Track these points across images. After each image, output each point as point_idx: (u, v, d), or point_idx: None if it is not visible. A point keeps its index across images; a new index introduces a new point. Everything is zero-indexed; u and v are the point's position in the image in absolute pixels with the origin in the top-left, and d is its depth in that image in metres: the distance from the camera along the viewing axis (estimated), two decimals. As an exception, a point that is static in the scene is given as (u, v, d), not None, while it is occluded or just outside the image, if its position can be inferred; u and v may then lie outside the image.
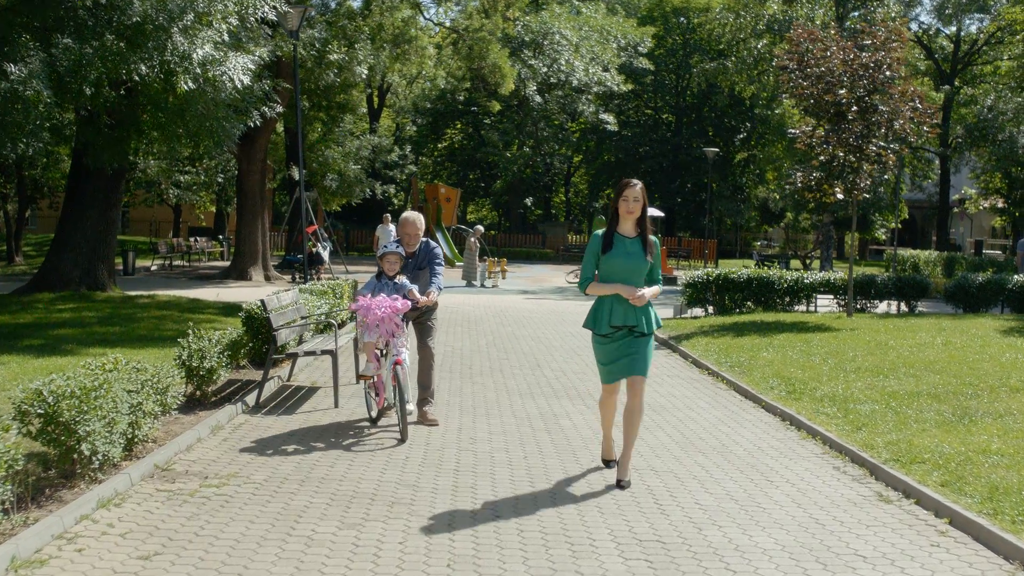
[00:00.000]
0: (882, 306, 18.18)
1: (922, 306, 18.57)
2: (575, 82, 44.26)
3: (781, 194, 40.90)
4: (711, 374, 11.07)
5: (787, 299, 17.29)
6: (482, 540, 5.11)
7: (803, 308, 17.53)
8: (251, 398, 8.54)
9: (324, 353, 8.98)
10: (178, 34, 12.66)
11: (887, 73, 14.84)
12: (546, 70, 43.80)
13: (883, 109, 14.79)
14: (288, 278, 25.74)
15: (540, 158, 48.08)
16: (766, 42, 34.03)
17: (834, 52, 15.00)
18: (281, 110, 20.99)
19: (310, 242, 23.74)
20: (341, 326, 10.65)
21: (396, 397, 7.39)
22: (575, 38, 44.12)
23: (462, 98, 47.90)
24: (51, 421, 5.40)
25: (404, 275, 7.87)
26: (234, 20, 13.86)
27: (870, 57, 14.89)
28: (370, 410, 7.97)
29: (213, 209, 43.20)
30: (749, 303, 17.17)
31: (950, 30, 46.38)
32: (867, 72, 14.80)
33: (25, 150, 12.58)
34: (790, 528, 5.44)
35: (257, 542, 4.96)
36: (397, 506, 5.66)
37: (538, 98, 44.31)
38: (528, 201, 54.36)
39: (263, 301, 9.03)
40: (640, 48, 46.90)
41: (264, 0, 14.41)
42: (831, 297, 18.13)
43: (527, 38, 44.18)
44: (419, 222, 8.12)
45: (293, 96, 19.60)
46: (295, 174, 26.05)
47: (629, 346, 6.17)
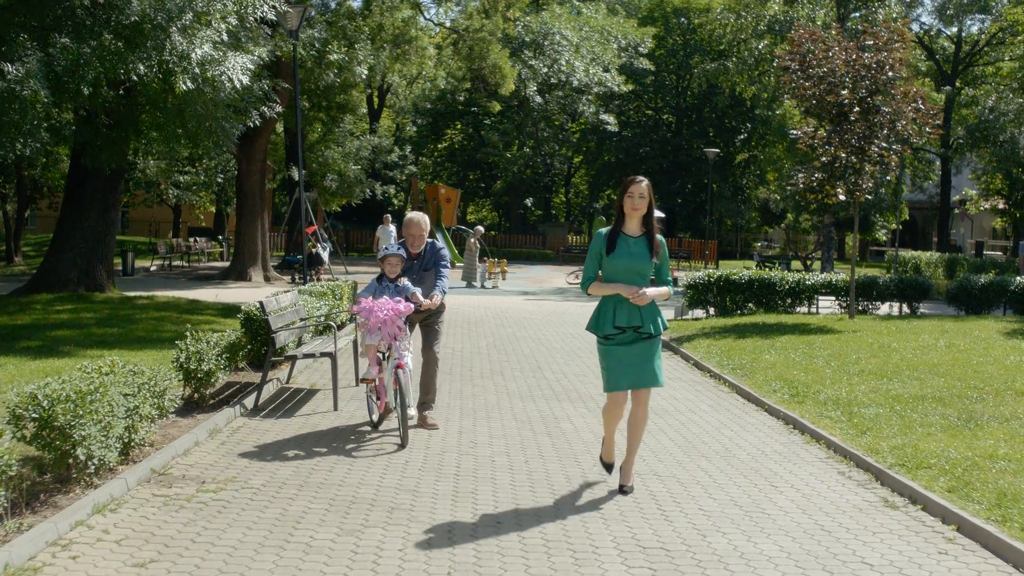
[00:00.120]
0: (884, 308, 18.12)
1: (924, 308, 18.50)
2: (575, 83, 44.18)
3: (782, 195, 40.81)
4: (713, 376, 11.00)
5: (788, 301, 17.22)
6: (483, 547, 5.03)
7: (805, 310, 17.46)
8: (249, 401, 8.46)
9: (323, 356, 8.90)
10: (177, 34, 12.59)
11: (889, 74, 14.77)
12: (546, 70, 43.72)
13: (885, 110, 14.72)
14: (288, 279, 25.66)
15: (540, 159, 48.00)
16: (767, 43, 33.93)
17: (836, 53, 14.93)
18: (281, 110, 20.92)
19: (310, 243, 23.66)
20: (340, 328, 10.58)
21: (397, 401, 7.26)
22: (575, 38, 44.04)
23: (462, 98, 47.83)
24: (46, 425, 5.33)
25: (410, 277, 7.73)
26: (233, 20, 13.79)
27: (872, 58, 14.82)
28: (371, 414, 7.86)
29: (213, 209, 43.12)
30: (750, 305, 17.09)
31: (951, 31, 46.33)
32: (869, 73, 14.73)
33: (23, 150, 12.52)
34: (795, 535, 5.36)
35: (254, 549, 4.88)
36: (397, 512, 5.58)
37: (538, 98, 44.22)
38: (528, 202, 54.29)
39: (261, 303, 8.95)
40: (641, 49, 46.82)
41: (263, 0, 14.35)
42: (833, 299, 18.07)
43: (527, 38, 44.10)
44: (424, 223, 7.94)
45: (293, 96, 19.53)
46: (295, 174, 25.99)
47: (636, 353, 5.87)
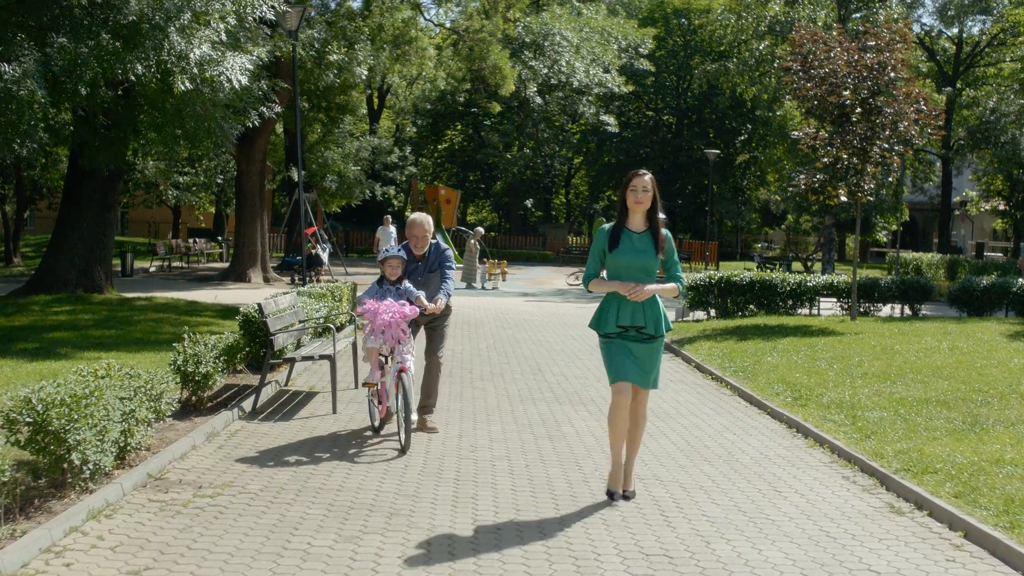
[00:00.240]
0: (885, 309, 18.04)
1: (926, 309, 18.42)
2: (576, 83, 44.11)
3: (783, 196, 40.76)
4: (715, 379, 10.92)
5: (790, 302, 17.14)
6: (483, 554, 4.95)
7: (806, 311, 17.38)
8: (247, 404, 8.38)
9: (322, 358, 8.83)
10: (175, 34, 12.52)
11: (891, 75, 14.70)
12: (547, 71, 43.64)
13: (887, 111, 14.65)
14: (287, 280, 25.57)
15: (540, 159, 47.93)
16: (767, 43, 33.90)
17: (838, 53, 14.86)
18: (280, 111, 20.85)
19: (309, 244, 23.59)
20: (340, 330, 10.51)
21: (399, 405, 7.13)
22: (576, 39, 43.97)
23: (462, 99, 47.73)
24: (40, 430, 5.25)
25: (414, 279, 7.60)
26: (232, 20, 13.72)
27: (874, 58, 14.75)
28: (373, 419, 7.75)
29: (212, 210, 43.08)
30: (752, 306, 17.01)
31: (952, 32, 46.24)
32: (871, 73, 14.66)
33: (20, 150, 12.45)
34: (801, 541, 5.28)
35: (251, 556, 4.80)
36: (396, 518, 5.50)
37: (538, 99, 44.15)
38: (528, 203, 54.20)
39: (260, 305, 8.87)
40: (641, 49, 46.74)
41: (263, 0, 14.28)
42: (834, 300, 17.99)
43: (528, 39, 44.02)
44: (427, 223, 7.79)
45: (292, 97, 19.45)
46: (294, 175, 25.92)
47: (636, 352, 5.76)
